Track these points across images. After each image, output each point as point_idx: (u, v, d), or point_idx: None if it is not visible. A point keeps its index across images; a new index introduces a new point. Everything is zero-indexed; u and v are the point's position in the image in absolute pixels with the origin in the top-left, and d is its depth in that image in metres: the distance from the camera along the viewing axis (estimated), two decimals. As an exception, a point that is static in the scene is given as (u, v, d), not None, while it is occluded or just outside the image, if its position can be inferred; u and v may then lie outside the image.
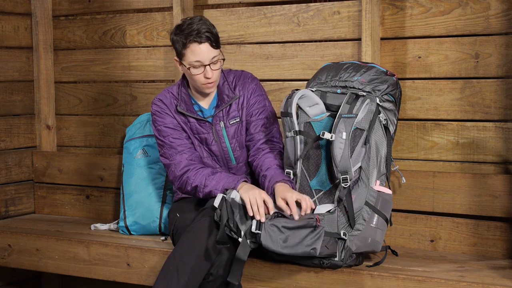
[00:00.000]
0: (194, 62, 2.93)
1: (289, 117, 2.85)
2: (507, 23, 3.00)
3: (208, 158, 3.10)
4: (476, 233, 3.03)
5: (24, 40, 4.05)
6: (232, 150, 3.10)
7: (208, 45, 2.92)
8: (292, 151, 2.85)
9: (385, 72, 2.92)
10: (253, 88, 3.10)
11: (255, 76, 3.16)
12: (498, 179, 2.97)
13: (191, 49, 2.92)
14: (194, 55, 2.92)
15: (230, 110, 3.08)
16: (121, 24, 3.88)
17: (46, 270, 3.48)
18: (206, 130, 3.08)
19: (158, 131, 3.08)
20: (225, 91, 3.07)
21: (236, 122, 3.08)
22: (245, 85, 3.10)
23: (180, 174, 3.01)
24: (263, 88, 3.15)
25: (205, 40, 2.91)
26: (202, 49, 2.91)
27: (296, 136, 2.84)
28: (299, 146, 2.85)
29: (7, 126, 3.98)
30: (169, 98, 3.10)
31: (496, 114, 3.04)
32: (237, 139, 3.09)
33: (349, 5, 3.29)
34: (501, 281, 2.61)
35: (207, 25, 2.93)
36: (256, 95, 3.09)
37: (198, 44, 2.91)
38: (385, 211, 2.79)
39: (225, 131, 3.08)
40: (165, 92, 3.13)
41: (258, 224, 2.68)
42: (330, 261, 2.72)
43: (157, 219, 3.40)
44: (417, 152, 3.20)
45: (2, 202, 3.95)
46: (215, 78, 2.98)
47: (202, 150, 3.09)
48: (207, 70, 2.94)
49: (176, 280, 2.69)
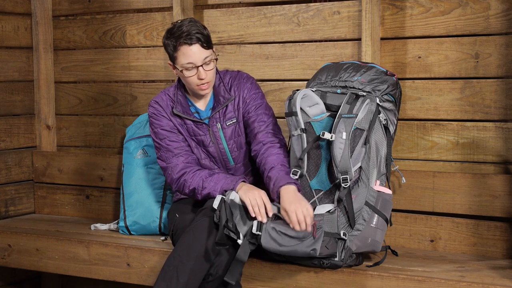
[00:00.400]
0: (186, 64, 2.92)
1: (294, 116, 2.85)
2: (507, 23, 3.00)
3: (206, 159, 3.09)
4: (476, 233, 3.03)
5: (24, 40, 4.05)
6: (229, 151, 3.09)
7: (199, 46, 2.90)
8: (299, 149, 2.84)
9: (385, 72, 2.92)
10: (249, 87, 3.09)
11: (250, 76, 3.15)
12: (498, 179, 2.97)
13: (182, 51, 2.91)
14: (185, 57, 2.91)
15: (226, 111, 3.07)
16: (121, 24, 3.88)
17: (46, 270, 3.48)
18: (203, 132, 3.07)
19: (155, 134, 3.08)
20: (221, 92, 3.06)
21: (233, 123, 3.08)
22: (240, 85, 3.09)
23: (177, 177, 3.01)
24: (259, 86, 3.15)
25: (195, 42, 2.89)
26: (193, 50, 2.90)
27: (303, 134, 2.84)
28: (305, 143, 2.84)
29: (7, 126, 3.98)
30: (165, 100, 3.09)
31: (496, 114, 3.04)
32: (234, 140, 3.09)
33: (349, 5, 3.29)
34: (501, 281, 2.61)
35: (197, 26, 2.91)
36: (252, 93, 3.08)
37: (188, 46, 2.89)
38: (385, 211, 2.79)
39: (222, 132, 3.07)
40: (161, 94, 3.12)
41: (259, 225, 2.69)
42: (330, 261, 2.72)
43: (157, 219, 3.40)
44: (417, 152, 3.20)
45: (2, 202, 3.95)
46: (209, 78, 2.96)
47: (199, 151, 3.09)
48: (200, 71, 2.92)
49: (176, 281, 2.69)
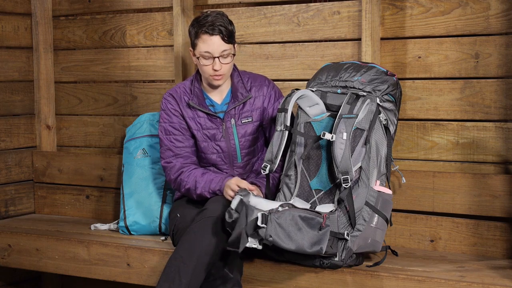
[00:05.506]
0: (204, 53, 2.99)
1: (284, 113, 2.86)
2: (507, 23, 3.00)
3: (214, 154, 3.12)
4: (476, 233, 3.03)
5: (24, 40, 4.05)
6: (240, 148, 3.11)
7: (220, 38, 2.98)
8: (277, 144, 2.85)
9: (385, 72, 2.92)
10: (272, 95, 3.15)
11: (271, 81, 3.21)
12: (498, 179, 2.97)
13: (202, 39, 2.99)
14: (205, 45, 2.98)
15: (243, 110, 3.11)
16: (121, 24, 3.88)
17: (46, 270, 3.48)
18: (215, 126, 3.10)
19: (162, 128, 3.13)
20: (239, 89, 3.11)
21: (248, 121, 3.11)
22: (262, 87, 3.14)
23: (174, 178, 3.08)
24: (281, 93, 3.21)
25: (217, 33, 2.97)
26: (213, 40, 2.97)
27: (285, 131, 2.85)
28: (284, 141, 2.85)
29: (7, 126, 3.98)
30: (180, 93, 3.14)
31: (496, 114, 3.04)
32: (246, 138, 3.12)
33: (349, 5, 3.29)
34: (501, 281, 2.61)
35: (223, 20, 3.00)
36: (277, 102, 3.14)
37: (209, 36, 2.97)
38: (385, 211, 2.79)
39: (235, 129, 3.10)
40: (176, 88, 3.17)
41: (265, 218, 2.62)
42: (330, 261, 2.72)
43: (157, 219, 3.40)
44: (417, 152, 3.20)
45: (2, 202, 3.95)
46: (223, 71, 3.02)
47: (209, 146, 3.11)
48: (216, 62, 2.99)
49: (178, 282, 2.69)
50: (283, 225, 2.59)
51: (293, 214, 2.61)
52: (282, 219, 2.59)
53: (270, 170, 2.83)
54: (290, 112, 2.87)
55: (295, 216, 2.61)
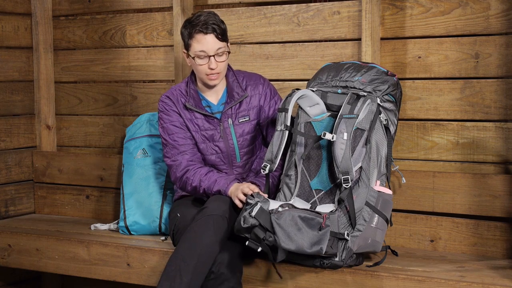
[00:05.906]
0: (199, 52, 2.99)
1: (285, 112, 2.86)
2: (507, 23, 3.00)
3: (213, 155, 3.12)
4: (476, 233, 3.04)
5: (24, 40, 4.05)
6: (238, 147, 3.12)
7: (214, 37, 2.98)
8: (277, 144, 2.85)
9: (385, 72, 2.92)
10: (267, 93, 3.16)
11: (266, 78, 3.21)
12: (498, 179, 2.97)
13: (196, 39, 2.99)
14: (199, 44, 2.99)
15: (240, 109, 3.11)
16: (121, 24, 3.88)
17: (46, 270, 3.48)
18: (213, 126, 3.10)
19: (164, 129, 3.12)
20: (235, 88, 3.11)
21: (246, 120, 3.11)
22: (257, 85, 3.15)
23: (180, 176, 3.06)
24: (276, 91, 3.21)
25: (210, 31, 2.98)
26: (208, 39, 2.98)
27: (285, 131, 2.85)
28: (284, 141, 2.85)
29: (7, 126, 3.98)
30: (176, 95, 3.14)
31: (496, 114, 3.05)
32: (244, 138, 3.12)
33: (349, 5, 3.29)
34: (501, 281, 2.61)
35: (215, 18, 3.01)
36: (273, 99, 3.15)
37: (203, 35, 2.98)
38: (385, 211, 2.79)
39: (233, 129, 3.10)
40: (172, 90, 3.17)
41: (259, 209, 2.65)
42: (330, 261, 2.72)
43: (157, 219, 3.40)
44: (417, 152, 3.20)
45: (2, 202, 3.95)
46: (219, 70, 3.02)
47: (207, 147, 3.11)
48: (211, 61, 2.99)
49: (179, 280, 2.69)
50: (283, 225, 2.60)
51: (292, 214, 2.62)
52: (282, 220, 2.60)
53: (270, 170, 2.84)
54: (290, 112, 2.87)
55: (295, 216, 2.62)
